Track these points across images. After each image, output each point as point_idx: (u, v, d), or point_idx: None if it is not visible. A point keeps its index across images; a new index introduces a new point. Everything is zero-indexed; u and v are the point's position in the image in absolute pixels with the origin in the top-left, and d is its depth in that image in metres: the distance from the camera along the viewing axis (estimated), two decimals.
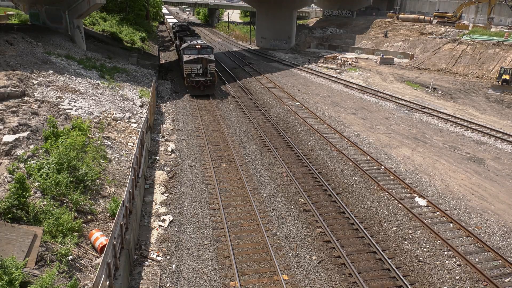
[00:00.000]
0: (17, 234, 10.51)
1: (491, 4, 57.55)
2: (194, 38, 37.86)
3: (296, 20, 69.53)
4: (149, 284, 11.94)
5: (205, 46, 33.07)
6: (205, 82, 32.85)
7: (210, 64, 32.61)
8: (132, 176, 14.44)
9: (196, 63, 32.15)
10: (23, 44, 29.02)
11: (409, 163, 21.03)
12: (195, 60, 32.09)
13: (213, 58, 32.77)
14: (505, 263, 13.13)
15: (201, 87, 32.84)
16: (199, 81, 32.62)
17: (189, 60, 32.18)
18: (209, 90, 33.59)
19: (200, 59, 32.13)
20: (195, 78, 32.47)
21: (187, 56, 32.22)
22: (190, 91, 33.53)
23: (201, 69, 32.48)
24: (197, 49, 32.55)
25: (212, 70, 32.76)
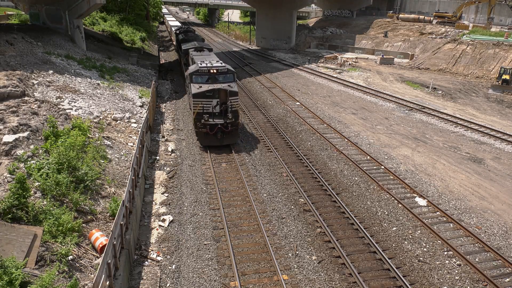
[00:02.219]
0: (17, 234, 10.51)
1: (491, 4, 57.53)
2: (205, 54, 27.67)
3: (296, 20, 69.53)
4: (149, 284, 11.94)
5: (223, 70, 22.35)
6: (225, 127, 21.40)
7: (232, 98, 21.72)
8: (132, 176, 14.44)
9: (210, 97, 21.38)
10: (23, 44, 29.02)
11: (409, 163, 21.03)
12: (208, 93, 21.32)
13: (235, 88, 22.06)
14: (505, 263, 13.13)
15: (218, 134, 21.46)
16: (215, 126, 21.35)
17: (200, 93, 21.32)
18: (230, 138, 22.23)
19: (217, 90, 21.34)
20: (208, 121, 21.24)
21: (196, 87, 21.60)
22: (201, 140, 22.38)
23: (218, 106, 21.59)
24: (212, 75, 22.09)
25: (234, 107, 21.85)
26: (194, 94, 21.41)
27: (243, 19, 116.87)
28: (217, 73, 22.10)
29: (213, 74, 22.04)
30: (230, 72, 22.55)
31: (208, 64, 22.65)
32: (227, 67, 22.59)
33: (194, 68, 22.68)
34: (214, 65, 22.60)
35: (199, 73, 22.18)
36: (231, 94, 21.59)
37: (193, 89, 21.60)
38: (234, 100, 21.85)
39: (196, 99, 21.45)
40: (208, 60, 24.02)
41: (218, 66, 22.51)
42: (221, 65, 22.68)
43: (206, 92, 21.24)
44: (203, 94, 21.29)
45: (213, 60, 23.90)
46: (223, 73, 22.32)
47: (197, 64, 22.99)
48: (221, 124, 21.30)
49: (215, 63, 22.96)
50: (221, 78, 22.13)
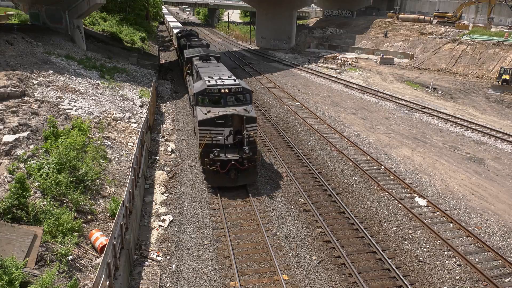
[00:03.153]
0: (17, 234, 10.51)
1: (491, 4, 57.53)
2: (212, 64, 23.50)
3: (296, 20, 69.52)
4: (149, 284, 11.94)
5: (238, 89, 17.96)
6: (240, 163, 16.76)
7: (249, 126, 17.06)
8: (132, 176, 14.44)
9: (221, 125, 16.78)
10: (23, 44, 29.01)
11: (409, 163, 21.03)
12: (219, 120, 16.73)
13: (253, 112, 17.51)
14: (505, 263, 13.13)
15: (231, 173, 16.85)
16: (228, 162, 16.67)
17: (208, 121, 16.80)
18: (247, 177, 17.54)
19: (230, 117, 16.76)
20: (219, 156, 16.60)
21: (204, 111, 17.16)
22: (209, 179, 17.67)
23: (231, 136, 17.04)
24: (224, 96, 17.72)
25: (252, 137, 17.19)
26: (200, 121, 16.72)
27: (243, 19, 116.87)
28: (229, 93, 17.73)
29: (224, 94, 17.61)
30: (245, 92, 18.12)
31: (217, 80, 18.35)
32: (242, 84, 18.27)
33: (200, 87, 18.10)
34: (226, 82, 18.18)
35: (207, 94, 17.64)
36: (248, 120, 16.68)
37: (200, 114, 17.03)
38: (252, 128, 17.01)
39: (204, 128, 16.75)
40: (216, 74, 20.13)
41: (231, 84, 17.97)
42: (234, 82, 18.26)
43: (216, 119, 16.56)
44: (212, 121, 16.59)
45: (223, 75, 19.83)
46: (238, 93, 17.90)
47: (203, 80, 18.69)
48: (235, 160, 16.57)
49: (227, 79, 18.65)
50: (235, 100, 17.85)
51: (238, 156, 16.79)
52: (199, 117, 17.03)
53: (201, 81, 19.24)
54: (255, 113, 17.73)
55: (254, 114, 17.46)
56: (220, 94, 17.67)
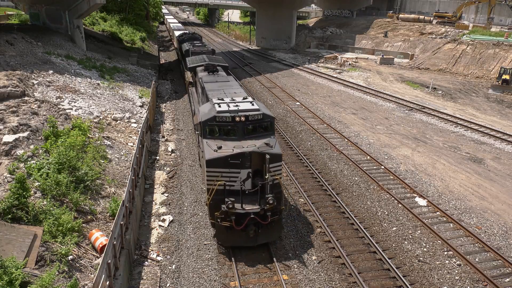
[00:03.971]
0: (17, 234, 10.51)
1: (491, 4, 57.54)
2: (221, 78, 19.68)
3: (296, 20, 69.54)
4: (149, 284, 11.94)
5: (257, 116, 13.96)
6: (261, 217, 12.83)
7: (273, 166, 13.05)
8: (132, 176, 14.44)
9: (236, 166, 12.84)
10: (23, 44, 29.02)
11: (409, 163, 21.02)
12: (234, 160, 12.78)
13: (277, 147, 13.49)
14: (505, 263, 13.12)
15: (250, 230, 12.96)
16: (246, 216, 12.75)
17: (220, 160, 12.85)
18: (269, 233, 13.51)
19: (248, 156, 12.81)
20: (233, 208, 12.63)
21: (213, 147, 13.26)
22: (221, 237, 13.52)
23: (250, 180, 13.08)
24: (239, 126, 13.76)
25: (277, 180, 13.24)
26: (209, 161, 12.67)
27: (243, 19, 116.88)
28: (246, 122, 13.62)
29: (240, 124, 13.54)
30: (267, 120, 14.01)
31: (230, 104, 14.27)
32: (262, 109, 14.14)
33: (208, 113, 13.97)
34: (242, 107, 14.04)
35: (217, 123, 13.62)
36: (273, 159, 12.61)
37: (208, 150, 13.01)
38: (276, 168, 12.95)
39: (213, 170, 12.70)
40: (228, 93, 16.44)
41: (249, 109, 13.89)
42: (252, 107, 14.12)
43: (229, 159, 12.52)
44: (224, 161, 12.56)
45: (236, 94, 16.15)
46: (257, 121, 13.81)
47: (211, 103, 14.64)
48: (255, 214, 12.54)
49: (242, 102, 14.59)
50: (253, 130, 13.83)
51: (259, 207, 12.59)
52: (207, 155, 12.82)
53: (208, 105, 14.88)
54: (279, 148, 13.59)
55: (279, 149, 13.34)
56: (234, 123, 13.52)
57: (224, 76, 20.52)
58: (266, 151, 12.85)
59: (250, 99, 15.21)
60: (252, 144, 13.20)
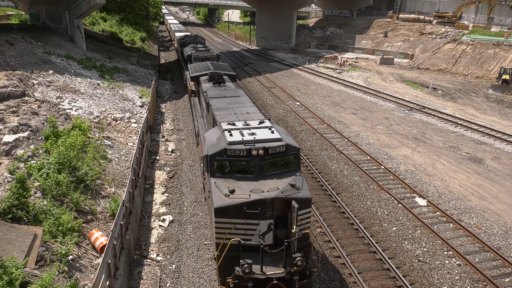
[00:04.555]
0: (17, 234, 10.51)
1: (491, 4, 57.55)
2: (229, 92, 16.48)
3: (296, 20, 69.54)
4: (149, 284, 11.94)
5: (279, 148, 10.79)
6: (286, 281, 9.67)
7: (302, 214, 10.01)
8: (132, 176, 14.44)
9: (254, 216, 9.79)
10: (23, 44, 29.03)
11: (409, 163, 21.03)
12: (251, 209, 9.70)
13: (306, 191, 10.44)
14: (505, 263, 13.13)
15: None
16: (268, 282, 9.56)
17: (232, 209, 9.75)
18: None
19: (270, 203, 9.74)
20: (251, 273, 9.47)
21: (223, 190, 10.19)
22: None
23: (270, 231, 10.04)
24: (256, 161, 10.59)
25: (304, 229, 10.19)
26: (219, 210, 9.79)
27: (243, 19, 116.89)
28: (266, 156, 10.60)
29: (258, 159, 10.52)
30: (291, 152, 11.01)
31: (244, 131, 11.36)
32: (286, 139, 11.15)
33: (216, 144, 11.04)
34: (259, 135, 11.16)
35: (229, 158, 10.63)
36: (301, 205, 9.66)
37: (217, 195, 10.13)
38: (305, 216, 10.27)
39: (224, 220, 9.92)
40: (238, 113, 13.51)
41: (269, 139, 11.00)
42: (272, 135, 11.25)
43: (245, 207, 9.70)
44: (239, 210, 9.73)
45: (249, 116, 13.16)
46: (279, 154, 10.83)
47: (220, 129, 11.79)
48: (279, 279, 9.70)
49: (258, 127, 11.76)
50: (275, 166, 10.87)
51: (284, 271, 9.70)
52: (216, 200, 9.92)
53: (216, 132, 11.88)
54: (308, 189, 10.76)
55: (307, 191, 10.52)
56: (250, 158, 10.50)
57: (232, 90, 17.11)
58: (293, 196, 9.85)
59: (268, 122, 12.14)
60: (273, 186, 10.14)
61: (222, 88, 17.32)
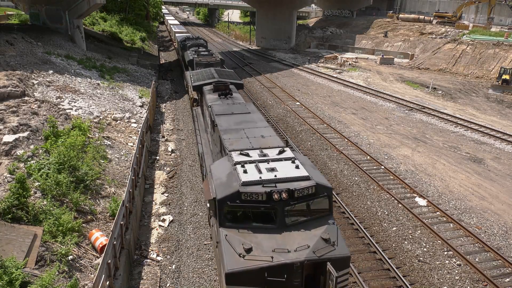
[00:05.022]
0: (17, 234, 10.51)
1: (491, 4, 57.55)
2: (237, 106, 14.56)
3: (296, 20, 69.55)
4: (149, 284, 11.94)
5: (307, 190, 8.64)
6: None
7: (340, 276, 8.03)
8: (132, 176, 14.44)
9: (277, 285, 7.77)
10: (23, 44, 29.03)
11: (409, 163, 21.03)
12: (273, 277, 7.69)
13: (342, 245, 8.43)
14: (505, 263, 13.12)
15: None
16: None
17: (247, 274, 7.70)
18: None
19: (299, 268, 7.81)
20: None
21: (236, 247, 8.05)
22: None
23: None
24: (278, 206, 8.45)
25: None
26: (232, 276, 7.85)
27: (243, 19, 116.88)
28: (291, 201, 8.64)
29: (280, 204, 8.55)
30: (322, 193, 8.99)
31: (261, 165, 9.34)
32: (314, 177, 9.11)
33: (227, 184, 8.94)
34: (281, 171, 9.14)
35: (243, 203, 8.59)
36: (337, 266, 8.05)
37: (228, 254, 8.14)
38: (342, 278, 8.47)
39: None
40: (251, 135, 11.37)
41: (293, 177, 8.93)
42: (297, 171, 9.18)
43: (267, 273, 7.83)
44: (258, 276, 7.84)
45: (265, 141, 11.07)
46: (308, 197, 8.82)
47: (230, 161, 9.75)
48: None
49: (277, 159, 9.73)
50: (302, 213, 8.88)
51: None
52: (228, 263, 7.92)
53: (225, 164, 9.73)
54: (345, 242, 8.81)
55: (344, 246, 8.58)
56: (272, 204, 8.45)
57: (242, 104, 14.64)
58: (328, 256, 7.96)
59: (289, 152, 9.99)
60: (302, 243, 8.09)
61: (230, 102, 15.16)
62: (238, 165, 9.33)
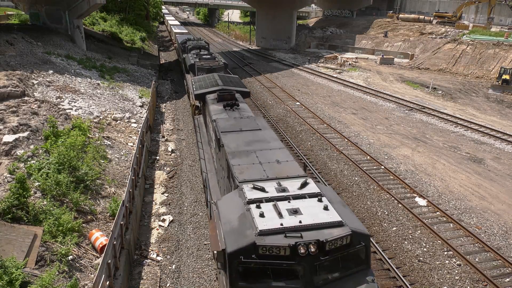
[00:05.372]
0: (17, 234, 10.51)
1: (491, 4, 57.55)
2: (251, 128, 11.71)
3: (296, 20, 69.55)
4: (149, 284, 11.94)
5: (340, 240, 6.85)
6: None
7: None
8: (132, 176, 14.44)
9: None
10: (23, 44, 29.03)
11: (409, 163, 21.02)
12: None
13: None
14: (505, 263, 13.12)
15: None
16: None
17: None
18: None
19: None
20: None
21: None
22: None
23: None
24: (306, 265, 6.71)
25: None
26: None
27: (243, 19, 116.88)
28: (320, 257, 6.85)
29: (308, 260, 6.77)
30: (358, 243, 7.24)
31: (280, 205, 7.48)
32: (348, 222, 7.30)
33: (240, 232, 7.06)
34: (306, 216, 7.23)
35: (261, 259, 6.72)
36: None
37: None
38: None
39: None
40: (264, 160, 9.63)
41: (322, 224, 7.06)
42: (327, 215, 7.33)
43: None
44: None
45: (281, 168, 9.21)
46: (341, 249, 7.02)
47: (243, 198, 7.90)
48: None
49: (299, 194, 7.94)
50: (334, 268, 7.10)
51: None
52: None
53: (236, 202, 7.98)
54: None
55: None
56: (296, 260, 6.81)
57: (251, 119, 12.61)
58: None
59: (313, 184, 8.10)
60: None
61: (236, 115, 13.37)
62: (253, 205, 7.37)
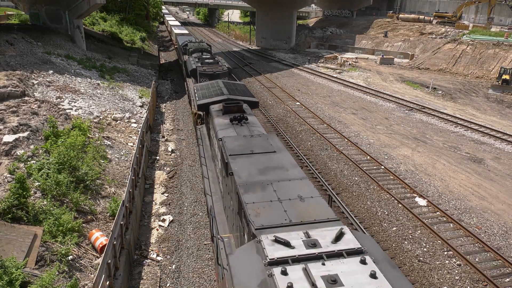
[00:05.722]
0: (17, 234, 10.51)
1: (491, 4, 57.55)
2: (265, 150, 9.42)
3: (296, 20, 69.55)
4: (149, 284, 11.94)
5: None
6: None
7: None
8: (132, 176, 14.44)
9: None
10: (23, 44, 29.03)
11: (409, 163, 21.02)
12: None
13: None
14: (505, 263, 13.12)
15: None
16: None
17: None
18: None
19: None
20: None
21: None
22: None
23: None
24: None
25: None
26: None
27: (243, 19, 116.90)
28: None
29: None
30: None
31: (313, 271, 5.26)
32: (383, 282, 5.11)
33: None
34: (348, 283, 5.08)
35: None
36: None
37: None
38: None
39: None
40: (285, 199, 7.40)
41: None
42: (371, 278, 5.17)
43: None
44: None
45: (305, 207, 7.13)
46: None
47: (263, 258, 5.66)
48: None
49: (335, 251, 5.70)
50: None
51: None
52: None
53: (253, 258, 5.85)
54: None
55: None
56: None
57: (262, 137, 10.42)
58: None
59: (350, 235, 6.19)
60: None
61: (246, 132, 11.54)
62: (276, 270, 5.40)
